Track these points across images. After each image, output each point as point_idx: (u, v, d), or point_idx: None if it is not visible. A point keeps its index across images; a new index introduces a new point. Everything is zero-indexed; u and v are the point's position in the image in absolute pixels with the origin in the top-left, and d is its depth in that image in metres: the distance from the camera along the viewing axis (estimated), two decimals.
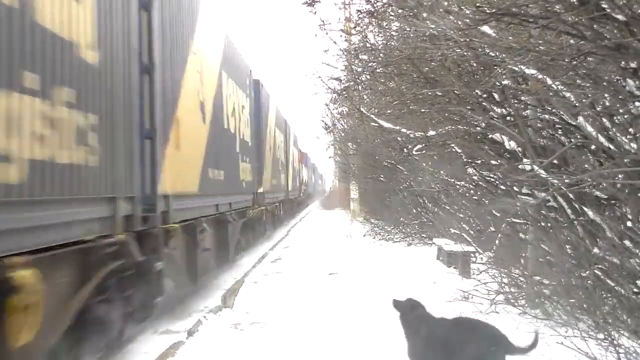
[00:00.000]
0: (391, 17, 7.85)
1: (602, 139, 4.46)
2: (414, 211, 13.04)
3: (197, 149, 7.89)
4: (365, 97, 13.35)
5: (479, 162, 7.19)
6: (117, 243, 4.87)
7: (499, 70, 5.26)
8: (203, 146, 8.19)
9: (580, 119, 4.71)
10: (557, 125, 5.54)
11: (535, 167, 5.11)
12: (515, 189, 5.77)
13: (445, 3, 5.48)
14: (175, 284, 7.02)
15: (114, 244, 4.82)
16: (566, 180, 4.63)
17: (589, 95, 4.74)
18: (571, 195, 5.13)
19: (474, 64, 6.22)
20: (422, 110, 7.86)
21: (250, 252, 13.60)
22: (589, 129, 4.59)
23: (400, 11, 7.08)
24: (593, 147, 4.82)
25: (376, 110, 11.38)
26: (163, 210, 6.03)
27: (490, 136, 6.46)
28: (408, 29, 6.98)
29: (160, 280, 5.95)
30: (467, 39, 4.95)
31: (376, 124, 10.43)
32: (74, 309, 4.31)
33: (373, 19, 8.56)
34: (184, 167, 7.11)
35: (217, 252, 9.39)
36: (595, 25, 3.97)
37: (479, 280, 6.70)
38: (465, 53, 5.48)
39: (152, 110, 5.89)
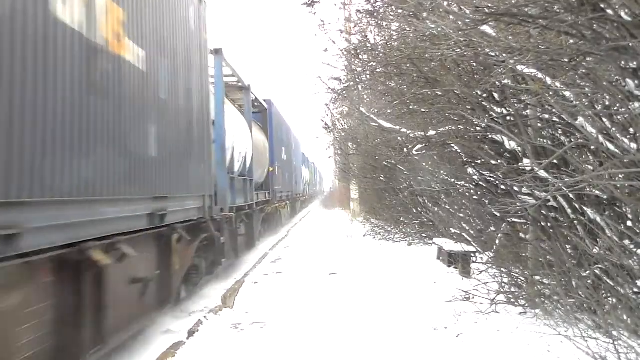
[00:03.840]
0: (391, 17, 7.85)
1: (602, 139, 4.46)
2: (414, 211, 13.04)
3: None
4: (365, 97, 13.36)
5: (479, 162, 7.19)
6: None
7: (499, 70, 5.26)
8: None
9: (580, 119, 4.71)
10: (557, 126, 5.54)
11: (536, 167, 5.12)
12: (515, 189, 5.78)
13: (445, 3, 5.48)
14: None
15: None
16: (566, 180, 4.63)
17: (589, 95, 4.75)
18: (571, 196, 5.14)
19: (474, 64, 6.23)
20: (422, 110, 7.86)
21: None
22: (589, 129, 4.59)
23: (400, 11, 7.09)
24: (593, 147, 4.83)
25: (376, 110, 11.40)
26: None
27: (490, 136, 6.47)
28: (408, 29, 6.98)
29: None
30: (467, 39, 4.95)
31: (376, 124, 10.44)
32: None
33: (373, 19, 8.56)
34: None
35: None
36: (594, 26, 3.97)
37: (479, 280, 6.70)
38: (465, 53, 5.48)
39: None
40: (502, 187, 6.58)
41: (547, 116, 5.57)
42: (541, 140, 5.66)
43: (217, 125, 9.66)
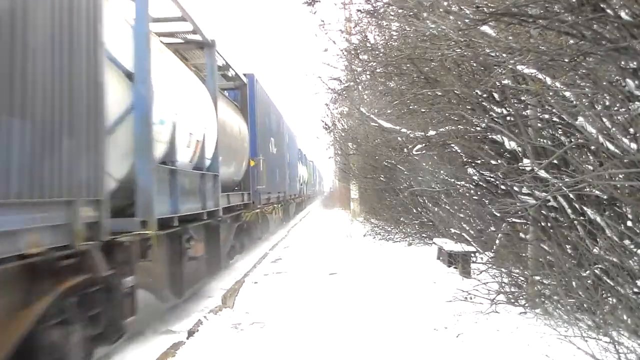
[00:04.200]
0: (391, 17, 7.86)
1: (602, 139, 4.46)
2: (414, 211, 13.05)
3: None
4: (365, 97, 13.39)
5: (479, 162, 7.19)
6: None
7: (499, 70, 5.26)
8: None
9: (580, 119, 4.71)
10: (557, 126, 5.55)
11: (535, 167, 5.12)
12: (515, 189, 5.78)
13: (445, 3, 5.48)
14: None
15: None
16: (566, 180, 4.64)
17: (589, 95, 4.75)
18: (571, 196, 5.14)
19: (474, 64, 6.23)
20: (422, 110, 7.87)
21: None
22: (589, 129, 4.59)
23: (400, 11, 7.09)
24: (593, 147, 4.83)
25: (376, 110, 11.41)
26: None
27: (490, 136, 6.47)
28: (408, 29, 6.99)
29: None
30: (467, 39, 4.96)
31: (376, 124, 10.45)
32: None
33: (373, 19, 8.57)
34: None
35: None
36: (594, 26, 3.97)
37: (479, 280, 6.70)
38: (465, 53, 5.48)
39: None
40: (502, 187, 6.58)
41: (547, 116, 5.57)
42: (541, 140, 5.66)
43: (137, 82, 5.79)
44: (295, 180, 27.33)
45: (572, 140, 5.10)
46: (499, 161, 6.42)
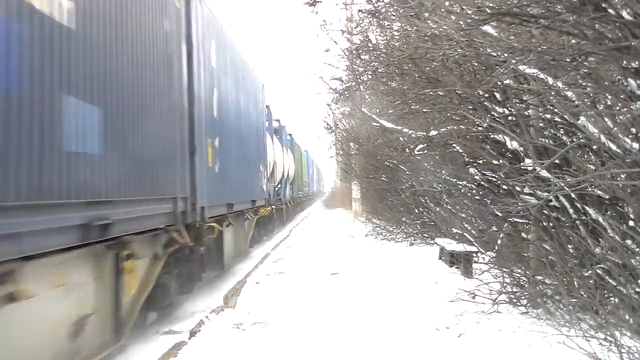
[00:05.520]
0: (392, 17, 7.86)
1: (603, 139, 4.46)
2: (416, 211, 13.04)
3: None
4: (367, 97, 13.38)
5: (480, 162, 7.19)
6: None
7: (501, 70, 5.26)
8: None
9: (582, 118, 4.71)
10: (559, 125, 5.54)
11: (537, 167, 5.12)
12: (517, 188, 5.77)
13: (447, 3, 5.48)
14: None
15: None
16: (568, 180, 4.63)
17: (591, 95, 4.75)
18: (573, 195, 5.14)
19: (476, 64, 6.23)
20: (424, 110, 7.87)
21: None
22: (591, 129, 4.59)
23: (401, 11, 7.09)
24: (595, 147, 4.83)
25: (378, 110, 11.41)
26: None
27: (492, 136, 6.47)
28: (409, 29, 6.99)
29: None
30: (469, 39, 4.96)
31: (378, 124, 10.45)
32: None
33: (374, 19, 8.57)
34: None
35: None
36: (596, 25, 3.97)
37: (481, 280, 6.70)
38: (466, 53, 5.48)
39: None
40: (504, 187, 6.58)
41: (548, 116, 5.57)
42: (543, 140, 5.66)
43: None
44: (258, 172, 13.46)
45: (574, 140, 5.09)
46: (501, 161, 6.41)
